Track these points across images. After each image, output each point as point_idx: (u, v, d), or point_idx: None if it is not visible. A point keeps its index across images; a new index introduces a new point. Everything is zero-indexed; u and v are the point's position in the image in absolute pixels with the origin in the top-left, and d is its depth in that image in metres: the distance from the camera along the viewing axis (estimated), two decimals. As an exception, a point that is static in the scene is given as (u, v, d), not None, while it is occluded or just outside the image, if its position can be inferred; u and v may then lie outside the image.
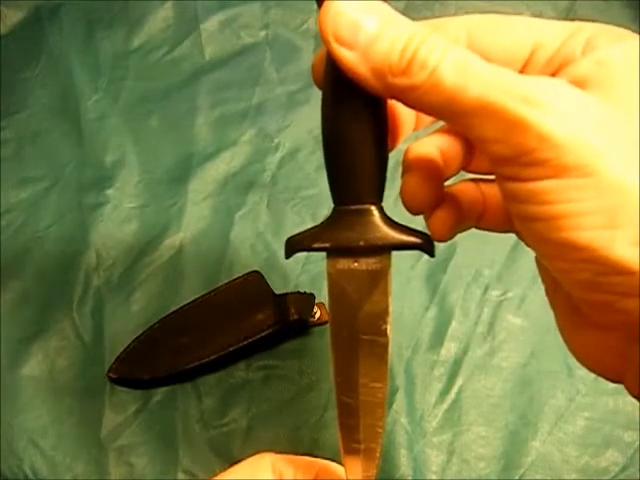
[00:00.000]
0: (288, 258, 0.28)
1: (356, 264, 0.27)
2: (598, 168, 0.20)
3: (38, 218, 0.52)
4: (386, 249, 0.26)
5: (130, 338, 0.46)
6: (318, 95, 0.26)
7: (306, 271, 0.50)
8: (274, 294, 0.47)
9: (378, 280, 0.27)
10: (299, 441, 0.44)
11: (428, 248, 0.26)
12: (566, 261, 0.22)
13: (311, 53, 0.60)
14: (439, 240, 0.28)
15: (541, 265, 0.28)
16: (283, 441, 0.45)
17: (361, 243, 0.26)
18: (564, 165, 0.20)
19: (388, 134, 0.26)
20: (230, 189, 0.54)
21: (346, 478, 0.29)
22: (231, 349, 0.45)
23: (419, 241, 0.26)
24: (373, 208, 0.26)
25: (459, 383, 0.46)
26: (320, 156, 0.60)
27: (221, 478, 0.30)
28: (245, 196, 0.53)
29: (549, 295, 0.28)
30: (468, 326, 0.48)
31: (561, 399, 0.46)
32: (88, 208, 0.52)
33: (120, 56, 0.59)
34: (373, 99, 0.24)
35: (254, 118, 0.57)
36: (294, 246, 0.27)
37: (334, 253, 0.27)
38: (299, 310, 0.46)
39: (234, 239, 0.51)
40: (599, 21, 0.24)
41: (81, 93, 0.57)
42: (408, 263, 0.50)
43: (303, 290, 0.48)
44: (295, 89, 0.58)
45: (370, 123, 0.25)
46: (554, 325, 0.30)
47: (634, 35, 0.23)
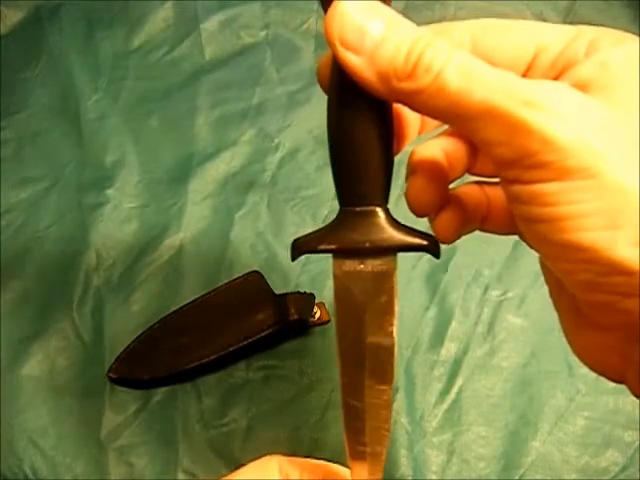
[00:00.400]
0: (294, 260, 0.28)
1: (362, 266, 0.27)
2: (600, 170, 0.20)
3: (38, 218, 0.52)
4: (392, 251, 0.26)
5: (130, 338, 0.46)
6: (318, 95, 0.26)
7: (306, 271, 0.50)
8: (274, 294, 0.47)
9: (384, 281, 0.27)
10: (299, 441, 0.44)
11: (434, 250, 0.27)
12: (568, 262, 0.22)
13: (311, 53, 0.60)
14: (444, 242, 0.28)
15: (544, 266, 0.28)
16: (283, 441, 0.45)
17: (367, 245, 0.26)
18: (567, 168, 0.20)
19: (394, 137, 0.26)
20: (230, 189, 0.54)
21: (352, 475, 0.29)
22: (231, 349, 0.45)
23: (425, 243, 0.26)
24: (379, 210, 0.26)
25: (459, 383, 0.46)
26: (320, 156, 0.60)
27: (229, 479, 0.30)
28: (245, 196, 0.53)
29: (553, 296, 0.28)
30: (468, 326, 0.48)
31: (561, 399, 0.46)
32: (88, 208, 0.52)
33: (120, 56, 0.59)
34: (379, 102, 0.24)
35: (254, 118, 0.57)
36: (300, 248, 0.27)
37: (340, 255, 0.27)
38: (299, 310, 0.46)
39: (234, 239, 0.51)
40: (599, 21, 0.24)
41: (81, 93, 0.57)
42: (409, 263, 0.50)
43: (303, 290, 0.48)
44: (295, 89, 0.58)
45: (376, 126, 0.25)
46: (554, 325, 0.30)
47: (635, 37, 0.23)
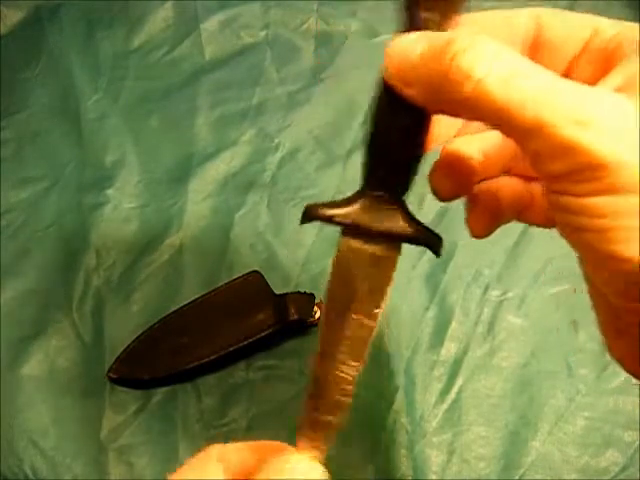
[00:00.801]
0: (303, 224, 0.28)
1: (366, 246, 0.27)
2: None
3: (38, 218, 0.52)
4: (398, 239, 0.27)
5: (130, 338, 0.46)
6: (318, 95, 0.26)
7: (306, 271, 0.50)
8: (274, 294, 0.47)
9: (383, 267, 0.28)
10: (299, 441, 0.44)
11: (436, 248, 0.27)
12: (609, 270, 0.22)
13: (311, 53, 0.60)
14: (476, 236, 0.29)
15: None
16: (283, 441, 0.44)
17: (379, 228, 0.27)
18: (617, 184, 0.20)
19: (427, 136, 0.27)
20: (230, 189, 0.54)
21: (297, 446, 0.29)
22: (231, 349, 0.45)
23: (429, 239, 0.27)
24: (398, 199, 0.27)
25: (459, 383, 0.46)
26: (320, 156, 0.60)
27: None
28: (245, 196, 0.53)
29: (592, 298, 0.28)
30: (468, 326, 0.48)
31: (561, 399, 0.46)
32: (88, 208, 0.52)
33: (120, 56, 0.59)
34: (421, 109, 0.25)
35: (254, 118, 0.57)
36: (312, 213, 0.27)
37: (350, 231, 0.27)
38: (299, 310, 0.46)
39: (234, 239, 0.51)
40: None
41: (81, 93, 0.57)
42: (409, 263, 0.50)
43: (303, 290, 0.48)
44: (295, 89, 0.58)
45: (414, 127, 0.26)
46: (554, 325, 0.30)
47: None
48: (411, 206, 0.27)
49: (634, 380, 0.28)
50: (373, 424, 0.45)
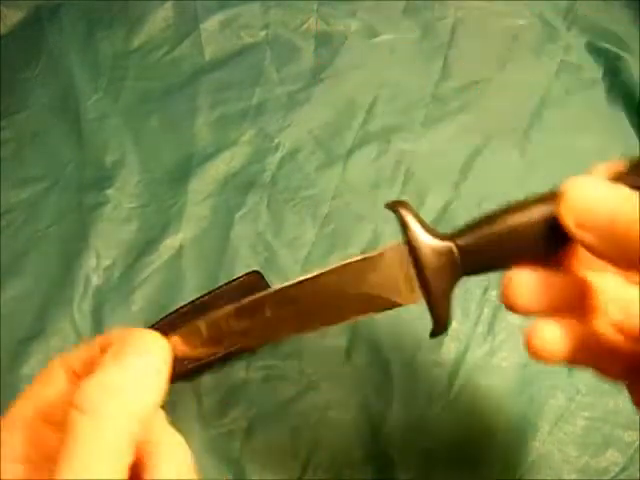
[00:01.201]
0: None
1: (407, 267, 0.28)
2: None
3: (38, 218, 0.52)
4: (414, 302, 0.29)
5: (130, 338, 0.46)
6: (318, 95, 0.26)
7: (306, 271, 0.50)
8: (274, 294, 0.47)
9: (413, 288, 0.29)
10: (299, 441, 0.44)
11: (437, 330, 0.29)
12: None
13: (311, 53, 0.60)
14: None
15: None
16: (283, 441, 0.45)
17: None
18: None
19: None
20: (230, 189, 0.54)
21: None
22: (231, 349, 0.45)
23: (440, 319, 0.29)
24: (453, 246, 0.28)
25: (459, 383, 0.46)
26: (320, 156, 0.60)
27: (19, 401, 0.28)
28: (245, 196, 0.53)
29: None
30: (468, 326, 0.48)
31: (561, 399, 0.46)
32: (88, 208, 0.52)
33: (120, 56, 0.59)
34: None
35: (254, 118, 0.57)
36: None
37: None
38: (299, 310, 0.46)
39: (234, 239, 0.51)
40: (599, 21, 0.25)
41: (81, 93, 0.57)
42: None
43: (303, 290, 0.48)
44: (295, 89, 0.58)
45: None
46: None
47: None
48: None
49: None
50: (373, 424, 0.45)
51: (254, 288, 0.47)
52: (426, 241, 0.28)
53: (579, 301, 0.28)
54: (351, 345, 0.47)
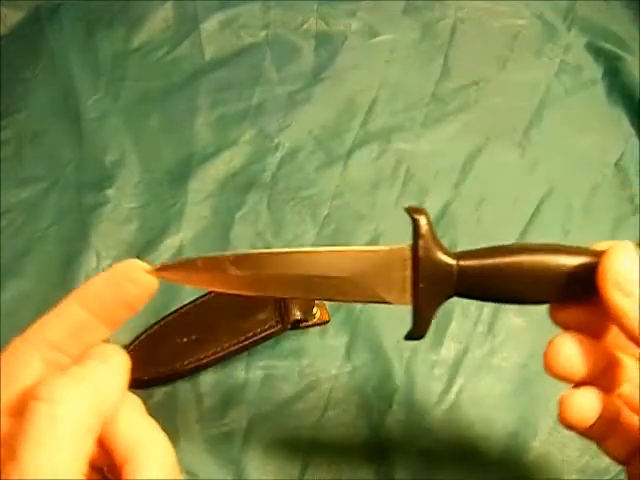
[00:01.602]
0: None
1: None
2: None
3: (38, 218, 0.52)
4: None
5: (130, 338, 0.46)
6: (318, 95, 0.26)
7: (306, 271, 0.50)
8: (274, 294, 0.47)
9: (405, 291, 0.30)
10: (299, 441, 0.44)
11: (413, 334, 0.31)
12: None
13: (311, 53, 0.60)
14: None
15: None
16: (283, 441, 0.45)
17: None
18: None
19: None
20: (230, 189, 0.54)
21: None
22: (231, 349, 0.45)
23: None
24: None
25: (459, 383, 0.46)
26: (320, 156, 0.60)
27: None
28: (245, 196, 0.53)
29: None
30: (468, 326, 0.48)
31: (561, 399, 0.46)
32: (88, 208, 0.52)
33: (120, 56, 0.60)
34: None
35: (254, 118, 0.57)
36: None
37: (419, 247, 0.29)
38: (299, 310, 0.46)
39: (234, 239, 0.51)
40: (599, 21, 0.25)
41: (81, 93, 0.57)
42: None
43: (303, 290, 0.48)
44: (295, 89, 0.58)
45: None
46: (554, 325, 0.30)
47: None
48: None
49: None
50: (373, 424, 0.45)
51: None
52: (432, 251, 0.29)
53: (605, 373, 0.29)
54: (351, 345, 0.47)
